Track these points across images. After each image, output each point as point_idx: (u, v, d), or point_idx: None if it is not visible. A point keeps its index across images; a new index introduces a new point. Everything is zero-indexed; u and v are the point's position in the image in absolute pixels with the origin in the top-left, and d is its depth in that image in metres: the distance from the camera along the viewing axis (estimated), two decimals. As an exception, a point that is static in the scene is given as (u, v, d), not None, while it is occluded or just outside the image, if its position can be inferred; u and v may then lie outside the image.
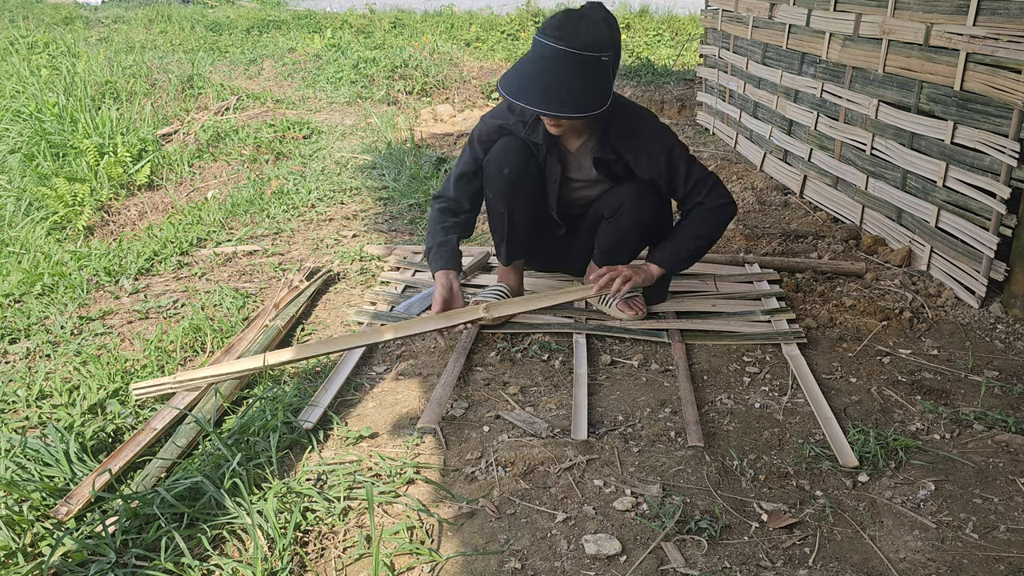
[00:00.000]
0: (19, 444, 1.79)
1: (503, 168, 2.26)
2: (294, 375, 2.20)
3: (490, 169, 2.29)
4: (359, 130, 5.34)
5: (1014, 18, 2.42)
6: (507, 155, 2.27)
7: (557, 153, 2.30)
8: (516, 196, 2.31)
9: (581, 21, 1.99)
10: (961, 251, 2.69)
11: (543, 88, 1.97)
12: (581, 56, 1.96)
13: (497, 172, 2.27)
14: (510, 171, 2.26)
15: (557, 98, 1.98)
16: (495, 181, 2.29)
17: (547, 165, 2.32)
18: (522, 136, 2.26)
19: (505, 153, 2.27)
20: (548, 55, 1.98)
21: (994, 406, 2.04)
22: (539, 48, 2.00)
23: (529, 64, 2.02)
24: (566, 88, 1.97)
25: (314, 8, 11.81)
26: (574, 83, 1.97)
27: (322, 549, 1.54)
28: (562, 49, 1.96)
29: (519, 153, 2.27)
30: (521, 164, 2.27)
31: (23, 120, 4.96)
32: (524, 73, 2.01)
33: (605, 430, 1.93)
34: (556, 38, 1.97)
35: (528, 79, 2.00)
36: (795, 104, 3.86)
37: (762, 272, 2.83)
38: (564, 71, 1.97)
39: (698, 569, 1.48)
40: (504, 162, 2.26)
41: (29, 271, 2.92)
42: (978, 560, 1.52)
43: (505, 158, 2.26)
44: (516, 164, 2.26)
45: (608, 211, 2.35)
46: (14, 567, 1.47)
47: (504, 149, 2.27)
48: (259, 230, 3.40)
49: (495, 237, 2.47)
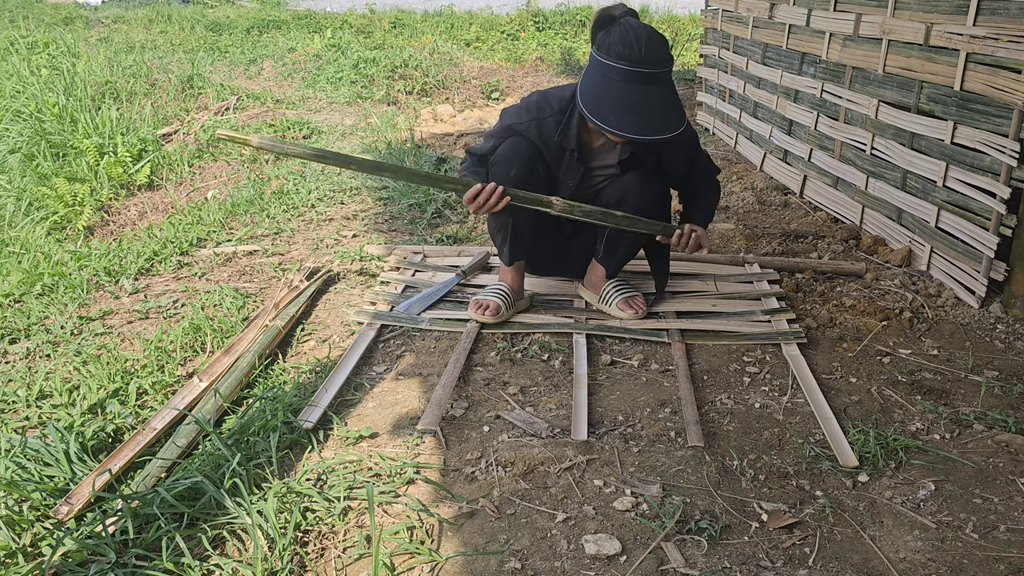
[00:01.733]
0: (19, 444, 1.79)
1: (510, 169, 2.26)
2: (294, 375, 2.21)
3: (497, 169, 2.29)
4: (359, 130, 5.34)
5: (1014, 18, 2.42)
6: (514, 156, 2.26)
7: (582, 157, 2.31)
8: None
9: (653, 36, 2.01)
10: (961, 251, 2.69)
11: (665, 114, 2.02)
12: (669, 73, 2.04)
13: (504, 173, 2.27)
14: (516, 172, 2.26)
15: (676, 116, 2.04)
16: (502, 181, 2.28)
17: (568, 169, 2.31)
18: (555, 140, 2.26)
19: (512, 154, 2.27)
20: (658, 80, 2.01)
21: (994, 406, 2.04)
22: (641, 78, 2.00)
23: (638, 96, 2.02)
24: (675, 105, 2.04)
25: (314, 8, 11.81)
26: (675, 99, 2.05)
27: (322, 549, 1.54)
28: (665, 71, 2.01)
29: (526, 154, 2.27)
30: (528, 165, 2.27)
31: (23, 120, 4.96)
32: (638, 107, 2.01)
33: (605, 430, 1.93)
34: (655, 61, 2.00)
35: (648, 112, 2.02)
36: (795, 104, 3.86)
37: (762, 272, 2.83)
38: (669, 89, 2.04)
39: (698, 569, 1.48)
40: (511, 163, 2.26)
41: (29, 271, 2.92)
42: (978, 560, 1.52)
43: (512, 158, 2.26)
44: (522, 165, 2.26)
45: (613, 201, 2.36)
46: (14, 567, 1.47)
47: (511, 150, 2.27)
48: (259, 230, 3.40)
49: (497, 237, 2.46)
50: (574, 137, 2.23)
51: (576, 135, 2.23)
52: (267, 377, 2.20)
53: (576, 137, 2.24)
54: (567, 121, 2.23)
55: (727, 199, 3.81)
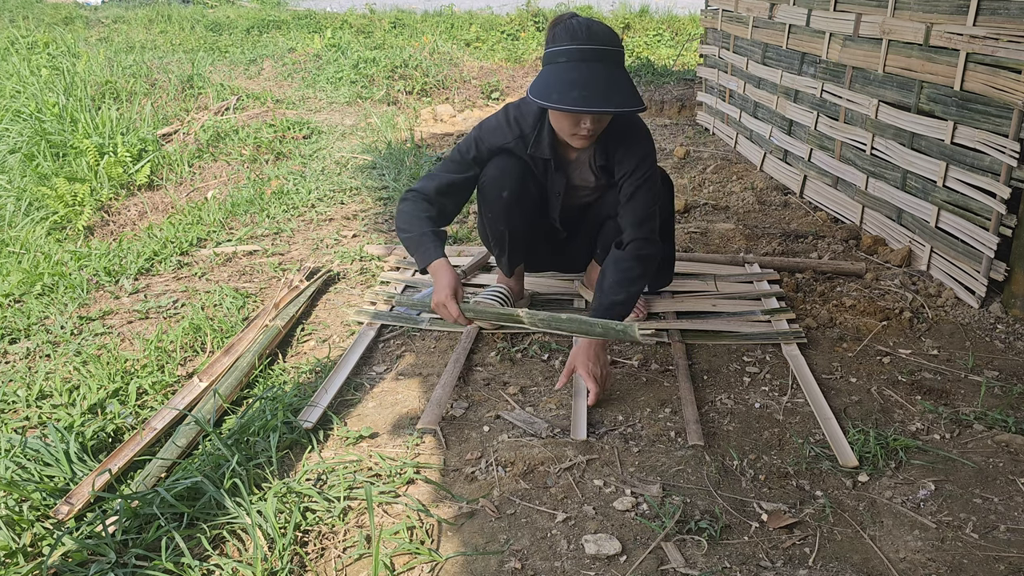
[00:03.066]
0: (19, 444, 1.79)
1: (502, 191, 2.23)
2: (294, 375, 2.21)
3: (488, 192, 2.26)
4: (359, 130, 5.34)
5: (1014, 18, 2.42)
6: (505, 177, 2.23)
7: (562, 166, 2.29)
8: (515, 215, 2.29)
9: (596, 24, 2.00)
10: (961, 251, 2.69)
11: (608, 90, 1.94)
12: (619, 53, 1.99)
13: (496, 195, 2.24)
14: (509, 193, 2.23)
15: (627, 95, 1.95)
16: (495, 204, 2.26)
17: (551, 179, 2.28)
18: (528, 153, 2.21)
19: (503, 175, 2.23)
20: (596, 58, 1.95)
21: (994, 406, 2.04)
22: (583, 55, 1.95)
23: (579, 72, 1.95)
24: (624, 85, 1.96)
25: (314, 8, 11.81)
26: (625, 82, 1.98)
27: (322, 549, 1.54)
28: (610, 49, 1.96)
29: (516, 173, 2.23)
30: (519, 184, 2.24)
31: (23, 120, 4.96)
32: (580, 82, 1.94)
33: (605, 430, 1.93)
34: (598, 41, 1.96)
35: (584, 86, 1.93)
36: (795, 104, 3.86)
37: (762, 272, 2.83)
38: (616, 69, 1.98)
39: (698, 569, 1.48)
40: (503, 184, 2.23)
41: (29, 271, 2.92)
42: (978, 560, 1.52)
43: (503, 180, 2.23)
44: (514, 185, 2.23)
45: (612, 210, 2.35)
46: (14, 567, 1.47)
47: (501, 171, 2.23)
48: (259, 230, 3.40)
49: (495, 250, 2.45)
50: (547, 147, 2.19)
51: (550, 145, 2.19)
52: (267, 377, 2.20)
53: (550, 147, 2.20)
54: (539, 131, 2.20)
55: (727, 199, 3.81)
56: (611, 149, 2.20)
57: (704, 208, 3.65)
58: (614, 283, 2.10)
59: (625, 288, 2.10)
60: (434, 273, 2.10)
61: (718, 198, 3.82)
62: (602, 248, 2.46)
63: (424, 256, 2.11)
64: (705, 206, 3.67)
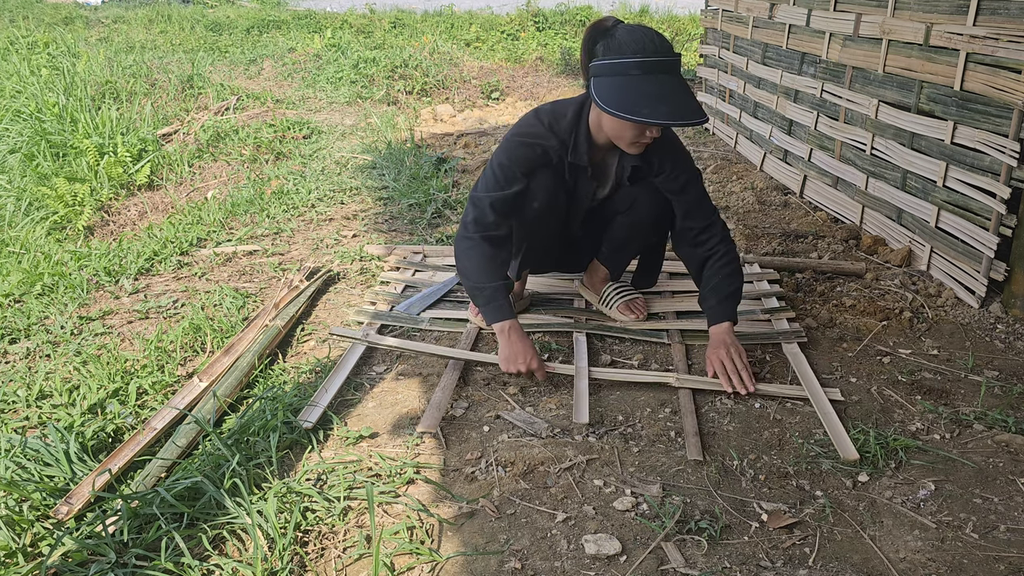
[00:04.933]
0: (19, 444, 1.79)
1: (533, 202, 2.21)
2: (294, 375, 2.20)
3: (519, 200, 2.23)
4: (359, 130, 5.34)
5: (1014, 18, 2.42)
6: (539, 188, 2.19)
7: (598, 171, 2.28)
8: (541, 227, 2.28)
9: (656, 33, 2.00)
10: (961, 251, 2.69)
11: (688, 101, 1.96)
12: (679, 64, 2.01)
13: (528, 206, 2.22)
14: (540, 205, 2.21)
15: (698, 105, 1.98)
16: (524, 214, 2.24)
17: (581, 186, 2.27)
18: (568, 160, 2.18)
19: (537, 186, 2.19)
20: (671, 69, 1.97)
21: (994, 406, 2.04)
22: (660, 67, 1.96)
23: (659, 85, 1.96)
24: (692, 94, 1.99)
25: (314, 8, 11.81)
26: (691, 90, 2.01)
27: (322, 549, 1.54)
28: (678, 60, 1.98)
29: (551, 184, 2.20)
30: (551, 196, 2.21)
31: (23, 120, 4.96)
32: (664, 96, 1.95)
33: (605, 430, 1.93)
34: (668, 53, 1.97)
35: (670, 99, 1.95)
36: (795, 104, 3.86)
37: (762, 272, 2.83)
38: (685, 82, 2.00)
39: (698, 569, 1.48)
40: (535, 196, 2.20)
41: (29, 271, 2.92)
42: (978, 560, 1.52)
43: (536, 192, 2.19)
44: (547, 196, 2.20)
45: (623, 206, 2.34)
46: (14, 567, 1.47)
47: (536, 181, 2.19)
48: (259, 230, 3.40)
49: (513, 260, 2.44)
50: (584, 154, 2.16)
51: (587, 151, 2.17)
52: (267, 377, 2.20)
53: (587, 154, 2.18)
54: (576, 139, 2.16)
55: (727, 199, 3.81)
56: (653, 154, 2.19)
57: (704, 208, 3.65)
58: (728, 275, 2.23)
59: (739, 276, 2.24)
60: (505, 333, 2.13)
61: (718, 198, 3.82)
62: (607, 245, 2.46)
63: (495, 313, 2.14)
64: (705, 206, 3.67)
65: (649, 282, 2.59)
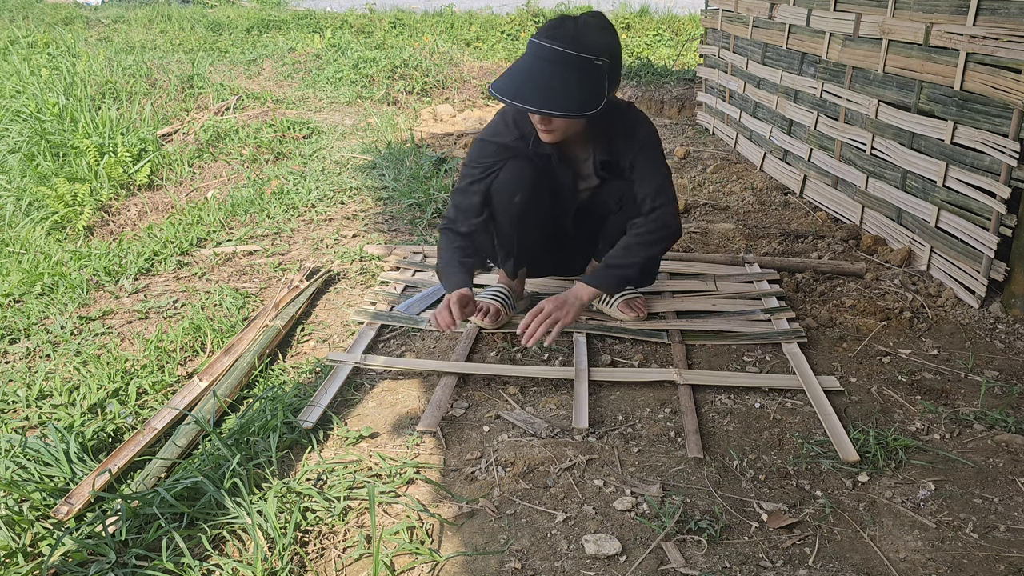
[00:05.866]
0: (19, 444, 1.79)
1: (514, 196, 2.22)
2: (294, 375, 2.20)
3: (501, 197, 2.24)
4: (359, 130, 5.34)
5: (1014, 18, 2.42)
6: (517, 181, 2.21)
7: (567, 161, 2.28)
8: (528, 220, 2.29)
9: (577, 25, 1.99)
10: (961, 251, 2.69)
11: (536, 88, 1.95)
12: (574, 57, 1.95)
13: (508, 200, 2.23)
14: (521, 198, 2.22)
15: (550, 97, 1.95)
16: (506, 209, 2.25)
17: (559, 177, 2.27)
18: (529, 152, 2.20)
19: (515, 179, 2.21)
20: (543, 56, 1.97)
21: (994, 406, 2.04)
22: (534, 50, 1.99)
23: (523, 66, 2.00)
24: (559, 88, 1.95)
25: (314, 8, 11.81)
26: (567, 83, 1.95)
27: (322, 549, 1.54)
28: (556, 49, 1.95)
29: (529, 177, 2.21)
30: (532, 189, 2.22)
31: (23, 120, 4.96)
32: (517, 75, 1.98)
33: (605, 430, 1.93)
34: (551, 38, 1.97)
35: (522, 80, 1.97)
36: (795, 104, 3.86)
37: (762, 272, 2.83)
38: (557, 71, 1.96)
39: (698, 569, 1.48)
40: (515, 189, 2.21)
41: (29, 271, 2.92)
42: (978, 560, 1.52)
43: (516, 185, 2.21)
44: (528, 190, 2.22)
45: (614, 205, 2.34)
46: (14, 567, 1.47)
47: (514, 175, 2.21)
48: (259, 230, 3.40)
49: (501, 252, 2.44)
50: (547, 145, 2.18)
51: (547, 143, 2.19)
52: (267, 377, 2.20)
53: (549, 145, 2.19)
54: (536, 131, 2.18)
55: (727, 199, 3.81)
56: (614, 146, 2.20)
57: (704, 208, 3.65)
58: (626, 246, 2.17)
59: (639, 252, 2.19)
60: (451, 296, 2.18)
61: (718, 198, 3.82)
62: (603, 243, 2.46)
63: (447, 287, 2.23)
64: (705, 206, 3.67)
65: (648, 280, 2.59)
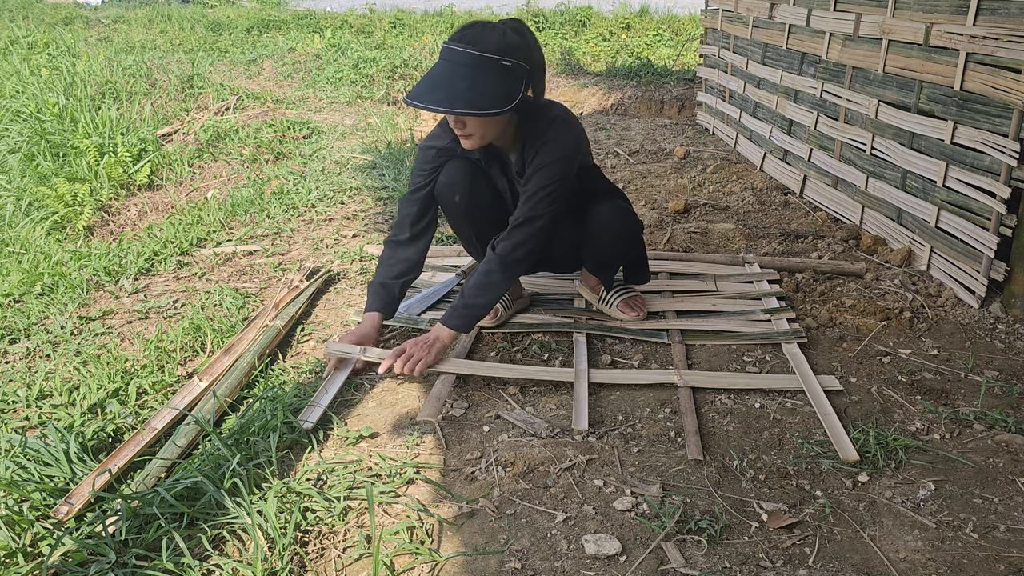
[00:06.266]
0: (19, 444, 1.79)
1: (454, 195, 2.24)
2: (294, 375, 2.20)
3: (443, 199, 2.26)
4: (359, 130, 5.34)
5: (1014, 18, 2.42)
6: (455, 180, 2.23)
7: (499, 163, 2.27)
8: (475, 217, 2.30)
9: (486, 28, 1.99)
10: (961, 251, 2.69)
11: (441, 89, 1.95)
12: (477, 56, 1.95)
13: (450, 201, 2.25)
14: (461, 197, 2.24)
15: (453, 96, 1.94)
16: (452, 209, 2.27)
17: (494, 176, 2.29)
18: (459, 154, 2.21)
19: (452, 179, 2.23)
20: (450, 58, 1.98)
21: (994, 406, 2.04)
22: (443, 54, 2.00)
23: (434, 71, 2.00)
24: (462, 88, 1.94)
25: (314, 8, 11.81)
26: (472, 83, 1.94)
27: (322, 549, 1.54)
28: (460, 50, 1.96)
29: (466, 174, 2.23)
30: (469, 185, 2.23)
31: (23, 120, 4.96)
32: (428, 79, 1.98)
33: (605, 430, 1.93)
34: (457, 40, 1.97)
35: (431, 84, 1.97)
36: (795, 104, 3.86)
37: (762, 272, 2.83)
38: (463, 72, 1.96)
39: (698, 569, 1.48)
40: (455, 188, 2.23)
41: (29, 271, 2.92)
42: (978, 560, 1.52)
43: (454, 184, 2.23)
44: (465, 187, 2.23)
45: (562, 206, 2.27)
46: (14, 567, 1.47)
47: (451, 175, 2.23)
48: (259, 230, 3.40)
49: (472, 251, 2.49)
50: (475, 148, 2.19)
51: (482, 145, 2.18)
52: (267, 377, 2.20)
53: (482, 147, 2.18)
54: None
55: (727, 199, 3.81)
56: (527, 154, 2.15)
57: (704, 208, 3.65)
58: (479, 285, 2.15)
59: (494, 290, 2.16)
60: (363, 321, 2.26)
61: (718, 198, 3.82)
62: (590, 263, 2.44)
63: (366, 306, 2.30)
64: (705, 206, 3.67)
65: (641, 278, 2.57)
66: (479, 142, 2.08)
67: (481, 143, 2.09)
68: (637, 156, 4.68)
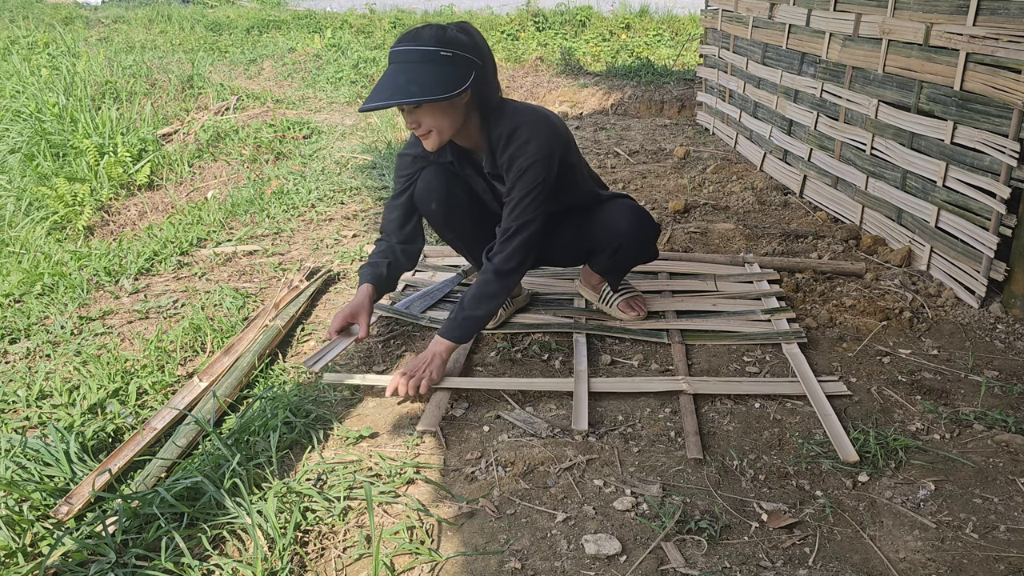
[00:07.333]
0: (19, 444, 1.79)
1: (431, 203, 2.25)
2: (294, 375, 2.20)
3: (422, 207, 2.28)
4: (359, 130, 5.34)
5: (1014, 18, 2.42)
6: (431, 187, 2.24)
7: (471, 165, 2.26)
8: (455, 222, 2.31)
9: (427, 26, 2.01)
10: (961, 251, 2.69)
11: (389, 89, 1.97)
12: (421, 51, 1.97)
13: (428, 208, 2.26)
14: (437, 203, 2.24)
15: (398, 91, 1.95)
16: (431, 217, 2.28)
17: (471, 182, 2.29)
18: (432, 160, 2.23)
19: (428, 186, 2.24)
20: (394, 59, 2.00)
21: (994, 406, 2.04)
22: (389, 58, 2.02)
23: (383, 76, 2.01)
24: (407, 81, 1.95)
25: (314, 8, 11.81)
26: (415, 76, 1.95)
27: (322, 549, 1.54)
28: (402, 49, 1.98)
29: (442, 181, 2.23)
30: (446, 191, 2.24)
31: (23, 120, 4.96)
32: (377, 84, 2.01)
33: (605, 430, 1.93)
34: (400, 42, 1.99)
35: (379, 87, 1.99)
36: (795, 104, 3.86)
37: (762, 272, 2.83)
38: (405, 68, 1.97)
39: (698, 569, 1.48)
40: (431, 195, 2.24)
41: (29, 271, 2.92)
42: (978, 560, 1.52)
43: (430, 191, 2.24)
44: (441, 192, 2.24)
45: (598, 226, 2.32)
46: (14, 567, 1.47)
47: (427, 182, 2.24)
48: (259, 230, 3.40)
49: (465, 258, 2.54)
50: (447, 150, 2.19)
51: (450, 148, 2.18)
52: (267, 377, 2.20)
53: (451, 150, 2.19)
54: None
55: (727, 199, 3.81)
56: (495, 156, 2.13)
57: (704, 208, 3.65)
58: (475, 296, 2.13)
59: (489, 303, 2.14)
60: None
61: (718, 198, 3.82)
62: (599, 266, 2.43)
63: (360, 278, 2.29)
64: (705, 206, 3.67)
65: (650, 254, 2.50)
66: (438, 138, 2.05)
67: (441, 139, 2.05)
68: (637, 156, 4.68)
